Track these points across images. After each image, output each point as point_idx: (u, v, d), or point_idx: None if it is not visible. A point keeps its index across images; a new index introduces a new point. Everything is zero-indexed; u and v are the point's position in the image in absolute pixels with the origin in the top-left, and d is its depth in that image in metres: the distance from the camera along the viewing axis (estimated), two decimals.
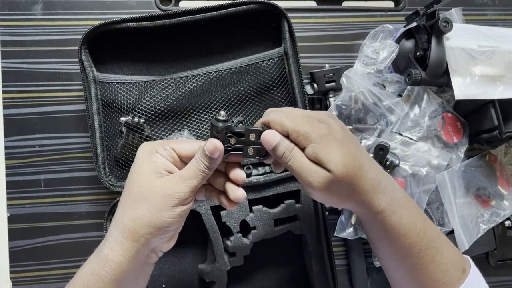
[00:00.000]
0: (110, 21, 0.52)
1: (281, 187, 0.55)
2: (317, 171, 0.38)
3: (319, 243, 0.56)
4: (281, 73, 0.57)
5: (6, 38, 0.58)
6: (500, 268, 0.66)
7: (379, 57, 0.59)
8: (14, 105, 0.58)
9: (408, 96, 0.61)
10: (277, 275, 0.60)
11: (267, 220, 0.54)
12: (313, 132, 0.39)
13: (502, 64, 0.59)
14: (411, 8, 0.65)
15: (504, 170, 0.65)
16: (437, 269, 0.42)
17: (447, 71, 0.58)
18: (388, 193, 0.41)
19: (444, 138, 0.61)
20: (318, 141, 0.38)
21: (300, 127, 0.39)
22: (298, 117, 0.40)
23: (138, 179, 0.39)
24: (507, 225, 0.64)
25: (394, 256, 0.43)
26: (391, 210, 0.41)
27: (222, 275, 0.54)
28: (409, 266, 0.42)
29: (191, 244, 0.58)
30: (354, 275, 0.62)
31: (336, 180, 0.38)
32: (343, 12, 0.65)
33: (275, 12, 0.55)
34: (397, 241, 0.41)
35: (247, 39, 0.58)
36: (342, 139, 0.40)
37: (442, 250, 0.43)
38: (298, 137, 0.39)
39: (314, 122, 0.40)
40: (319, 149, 0.38)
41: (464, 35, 0.59)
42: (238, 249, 0.54)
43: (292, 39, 0.55)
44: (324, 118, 0.41)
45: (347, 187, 0.39)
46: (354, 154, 0.40)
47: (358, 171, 0.39)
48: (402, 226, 0.41)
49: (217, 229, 0.54)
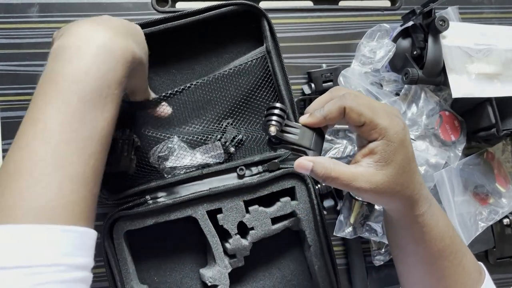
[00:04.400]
0: None
1: (276, 186, 0.55)
2: (368, 178, 0.38)
3: (318, 237, 0.56)
4: (265, 72, 0.56)
5: (2, 40, 0.57)
6: (499, 265, 0.66)
7: (376, 56, 0.59)
8: (11, 108, 0.57)
9: (406, 95, 0.61)
10: (279, 273, 0.60)
11: (264, 219, 0.54)
12: (391, 128, 0.38)
13: (499, 62, 0.59)
14: (407, 7, 0.65)
15: (501, 168, 0.66)
16: (463, 272, 0.43)
17: (444, 70, 0.58)
18: (429, 196, 0.42)
19: (442, 137, 0.61)
20: (392, 138, 0.38)
21: (379, 119, 0.38)
22: (377, 108, 0.39)
23: None
24: (506, 223, 0.64)
25: (427, 259, 0.43)
26: (431, 212, 0.41)
27: (224, 277, 0.54)
28: (440, 269, 0.43)
29: (190, 250, 0.58)
30: (354, 274, 0.62)
31: (394, 183, 0.38)
32: (339, 11, 0.65)
33: (254, 12, 0.55)
34: (433, 244, 0.42)
35: (229, 41, 0.58)
36: (409, 139, 0.40)
37: (466, 253, 0.44)
38: (372, 129, 0.38)
39: (392, 115, 0.39)
40: (390, 147, 0.37)
41: (461, 33, 0.59)
42: (237, 251, 0.54)
43: (273, 37, 0.55)
44: (397, 112, 0.40)
45: (402, 187, 0.39)
46: (413, 155, 0.40)
47: (414, 174, 0.40)
48: (439, 229, 0.42)
49: (215, 233, 0.54)
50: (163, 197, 0.53)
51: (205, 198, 0.53)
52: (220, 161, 0.55)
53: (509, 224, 0.64)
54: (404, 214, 0.42)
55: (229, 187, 0.53)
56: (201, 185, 0.54)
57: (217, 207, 0.53)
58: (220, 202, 0.54)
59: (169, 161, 0.53)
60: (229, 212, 0.54)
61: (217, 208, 0.54)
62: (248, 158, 0.55)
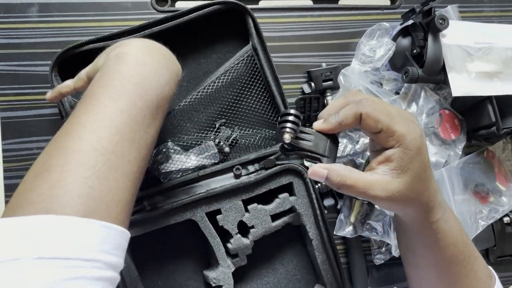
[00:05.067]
0: (75, 45, 0.51)
1: (273, 183, 0.55)
2: (384, 186, 0.37)
3: (319, 231, 0.56)
4: (253, 70, 0.56)
5: (1, 40, 0.57)
6: (499, 264, 0.66)
7: (376, 55, 0.59)
8: (11, 108, 0.57)
9: (405, 93, 0.61)
10: (282, 268, 0.61)
11: (264, 217, 0.54)
12: (408, 135, 0.37)
13: (499, 60, 0.59)
14: (407, 5, 0.65)
15: (502, 166, 0.66)
16: (475, 277, 0.43)
17: (444, 68, 0.58)
18: (443, 202, 0.42)
19: (442, 135, 0.61)
20: (409, 146, 0.37)
21: (396, 126, 0.37)
22: (394, 114, 0.38)
23: None
24: (506, 222, 0.64)
25: (440, 264, 0.43)
26: (445, 219, 0.41)
27: (227, 277, 0.54)
28: (452, 275, 0.43)
29: (192, 252, 0.58)
30: (354, 273, 0.62)
31: (410, 190, 0.38)
32: (339, 10, 0.65)
33: (239, 10, 0.55)
34: (447, 249, 0.42)
35: (217, 41, 0.58)
36: (425, 146, 0.39)
37: (478, 258, 0.44)
38: (389, 136, 0.37)
39: (409, 122, 0.38)
40: (407, 155, 0.37)
41: (461, 32, 0.59)
42: (239, 250, 0.54)
43: (258, 34, 0.55)
44: (413, 118, 0.40)
45: (417, 195, 0.39)
46: (429, 162, 0.39)
47: (430, 181, 0.39)
48: (453, 234, 0.42)
49: (215, 234, 0.54)
50: (161, 202, 0.52)
51: (203, 200, 0.53)
52: (215, 161, 0.55)
53: (509, 222, 0.64)
54: (419, 221, 0.41)
55: (226, 188, 0.53)
56: (199, 187, 0.54)
57: (216, 208, 0.53)
58: (218, 203, 0.54)
59: (164, 166, 0.53)
60: (228, 212, 0.54)
61: (216, 209, 0.54)
62: (244, 157, 0.55)
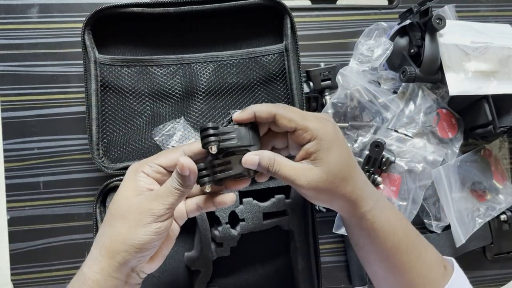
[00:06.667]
0: (115, 5, 0.52)
1: (273, 182, 0.56)
2: (306, 172, 0.40)
3: (306, 240, 0.56)
4: (280, 69, 0.57)
5: (2, 41, 0.58)
6: (496, 261, 0.66)
7: (374, 55, 0.60)
8: (12, 108, 0.58)
9: (403, 93, 0.61)
10: (262, 269, 0.60)
11: (256, 213, 0.55)
12: (321, 129, 0.40)
13: (495, 60, 0.59)
14: (404, 5, 0.66)
15: (498, 165, 0.66)
16: (424, 266, 0.43)
17: (441, 68, 0.58)
18: (375, 193, 0.43)
19: (439, 134, 0.61)
20: (324, 137, 0.40)
21: (309, 123, 0.40)
22: (306, 114, 0.41)
23: (119, 198, 0.39)
24: (503, 219, 0.64)
25: (383, 256, 0.43)
26: (379, 208, 0.42)
27: (208, 264, 0.54)
28: (398, 264, 0.43)
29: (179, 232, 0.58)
30: (352, 271, 0.62)
31: (332, 177, 0.39)
32: (337, 10, 0.65)
33: (278, 8, 0.55)
34: (387, 239, 0.42)
35: (249, 33, 0.59)
36: (342, 139, 0.42)
37: (425, 247, 0.45)
38: (304, 133, 0.40)
39: (321, 119, 0.41)
40: (323, 146, 0.39)
41: (457, 31, 0.60)
42: (225, 240, 0.54)
43: (294, 36, 0.56)
44: (327, 117, 0.43)
45: (341, 183, 0.40)
46: (350, 154, 0.42)
47: (352, 170, 0.41)
48: (391, 224, 0.42)
49: (205, 218, 0.54)
50: None
51: None
52: None
53: (506, 220, 0.64)
54: (351, 212, 0.42)
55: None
56: None
57: None
58: None
59: (172, 140, 0.53)
60: None
61: None
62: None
